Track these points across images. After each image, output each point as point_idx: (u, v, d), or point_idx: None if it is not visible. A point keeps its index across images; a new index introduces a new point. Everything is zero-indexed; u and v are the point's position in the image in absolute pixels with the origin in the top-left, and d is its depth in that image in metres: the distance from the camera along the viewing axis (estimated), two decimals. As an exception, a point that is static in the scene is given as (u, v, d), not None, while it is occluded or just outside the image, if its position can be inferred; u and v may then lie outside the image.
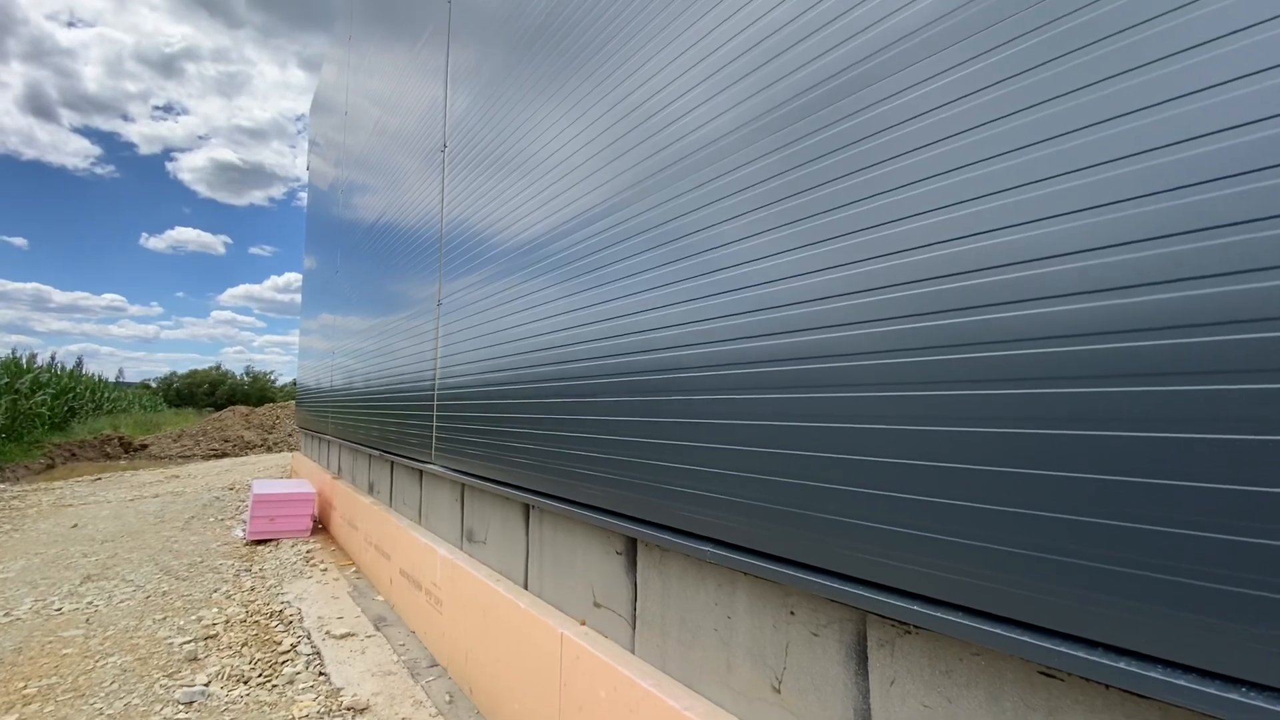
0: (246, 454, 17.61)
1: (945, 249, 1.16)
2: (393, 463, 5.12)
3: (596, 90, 2.33)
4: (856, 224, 1.33)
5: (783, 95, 1.53)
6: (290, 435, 19.46)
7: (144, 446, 17.73)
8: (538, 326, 2.65)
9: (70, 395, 20.72)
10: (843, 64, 1.39)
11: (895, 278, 1.25)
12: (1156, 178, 0.91)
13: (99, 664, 3.45)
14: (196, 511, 8.21)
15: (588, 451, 2.23)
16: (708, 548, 1.68)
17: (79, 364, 26.89)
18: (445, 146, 3.93)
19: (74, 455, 15.88)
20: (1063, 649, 0.97)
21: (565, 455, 2.37)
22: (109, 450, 16.88)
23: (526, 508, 2.92)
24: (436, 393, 3.86)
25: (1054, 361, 1.00)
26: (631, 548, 2.18)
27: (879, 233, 1.28)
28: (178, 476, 12.33)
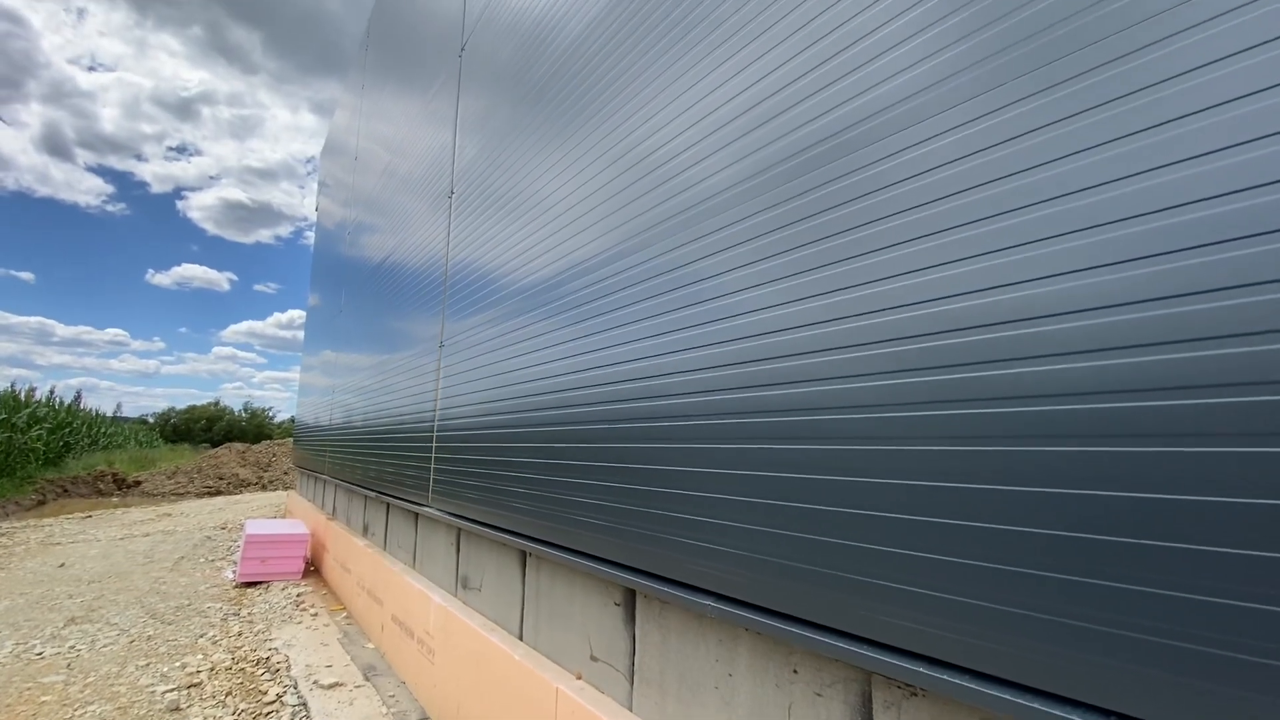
0: (241, 492, 17.40)
1: (937, 306, 1.18)
2: (388, 504, 5.06)
3: (602, 143, 2.39)
4: (854, 279, 1.35)
5: (781, 153, 1.58)
6: (286, 473, 19.26)
7: (137, 483, 17.53)
8: (539, 370, 2.65)
9: (67, 430, 20.61)
10: (838, 125, 1.43)
11: (892, 332, 1.26)
12: (1143, 242, 0.93)
13: (78, 712, 3.33)
14: (186, 552, 8.06)
15: (586, 498, 2.20)
16: (709, 601, 1.65)
17: (77, 398, 26.82)
18: (452, 193, 4.01)
19: (66, 491, 15.68)
20: (1074, 717, 0.94)
21: (563, 501, 2.35)
22: (102, 487, 16.69)
23: (523, 554, 2.87)
24: (436, 433, 3.84)
25: (1047, 419, 1.00)
26: (630, 599, 2.14)
27: (876, 288, 1.30)
28: (170, 515, 12.15)
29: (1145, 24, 0.97)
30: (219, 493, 17.24)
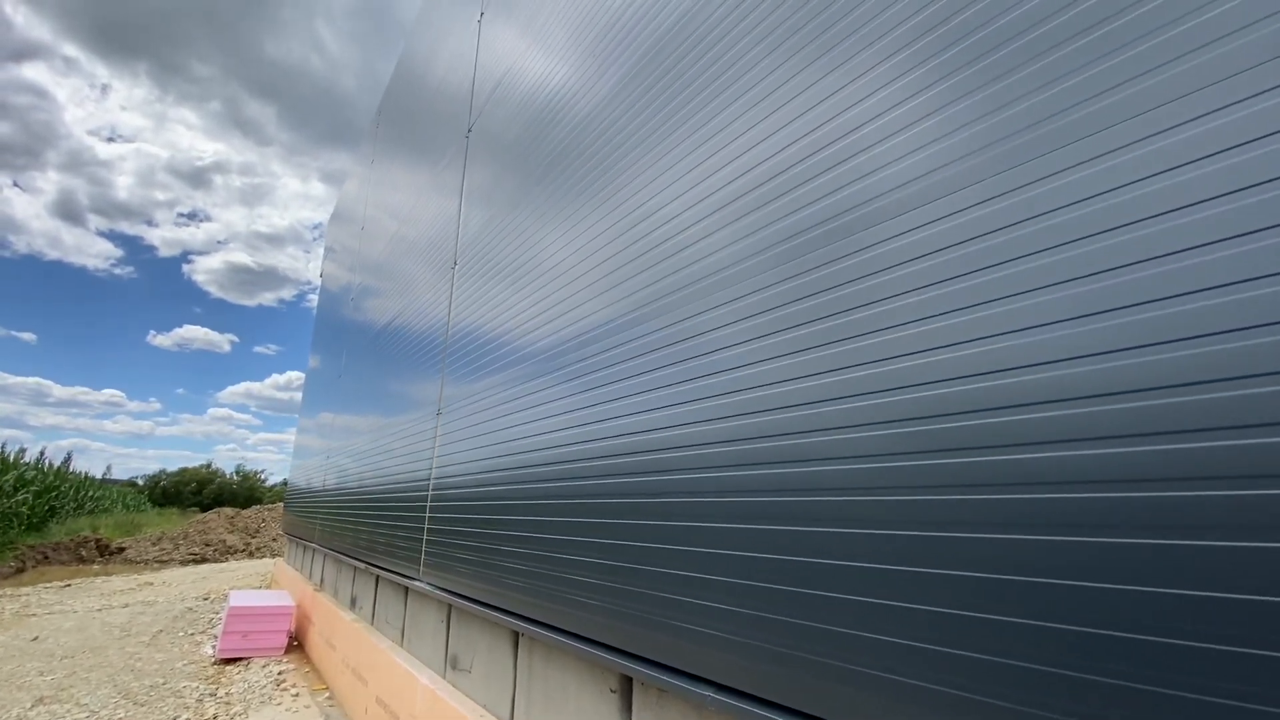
0: (227, 559, 16.89)
1: (937, 389, 1.17)
2: (378, 577, 4.89)
3: (607, 217, 2.45)
4: (854, 359, 1.35)
5: (783, 233, 1.61)
6: (275, 540, 18.77)
7: (121, 550, 17.04)
8: (536, 440, 2.62)
9: (53, 494, 20.20)
10: (839, 208, 1.47)
11: (891, 414, 1.24)
12: (1140, 331, 0.93)
13: (33, 809, 3.10)
14: (166, 625, 7.74)
15: (582, 576, 2.13)
16: (709, 692, 1.56)
17: (67, 460, 26.42)
18: (455, 263, 4.08)
19: (46, 558, 15.22)
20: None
21: (559, 579, 2.27)
22: (84, 554, 16.21)
23: (515, 635, 2.75)
24: (430, 499, 3.76)
25: (1058, 508, 0.97)
26: (627, 686, 2.03)
27: (879, 368, 1.30)
28: (151, 584, 11.74)
29: (1131, 121, 1.00)
30: (204, 560, 16.73)
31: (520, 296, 3.05)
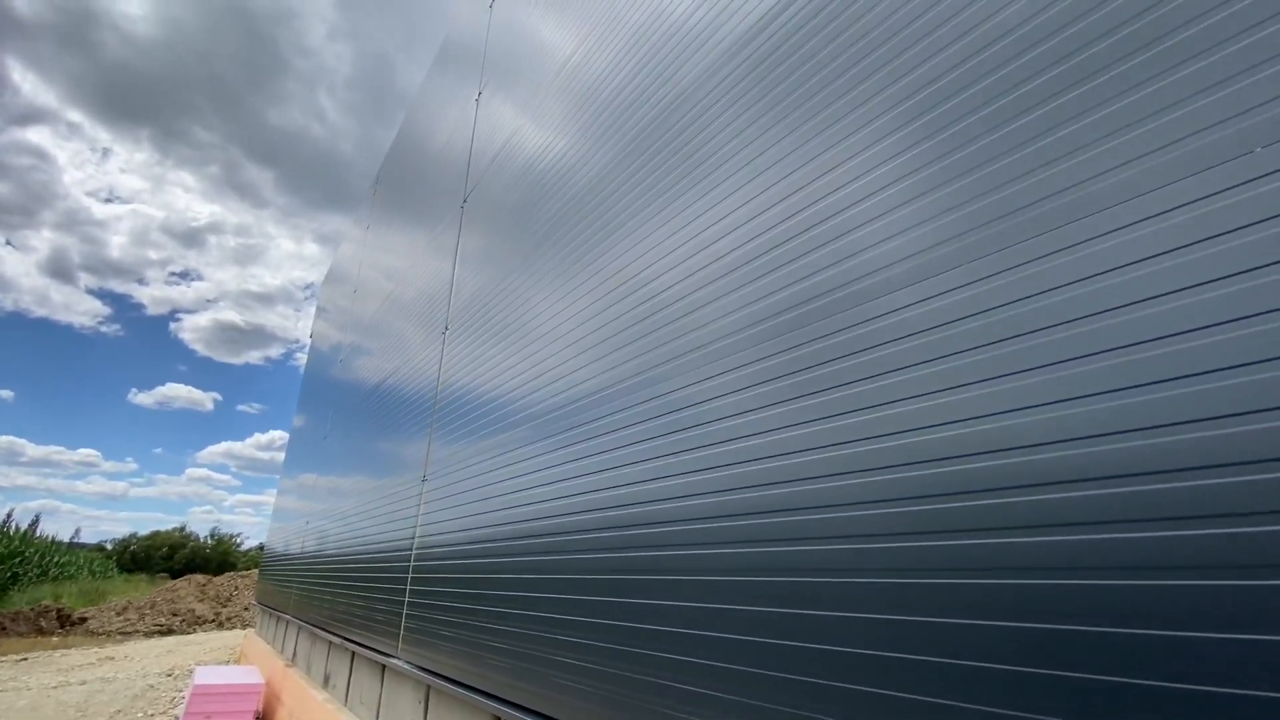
0: (195, 631, 16.07)
1: (931, 469, 1.16)
2: (354, 653, 4.65)
3: (603, 285, 2.48)
4: (850, 434, 1.33)
5: (779, 306, 1.62)
6: (246, 609, 17.93)
7: (83, 620, 16.19)
8: (524, 511, 2.55)
9: (17, 560, 19.35)
10: (835, 283, 1.49)
11: (886, 493, 1.22)
12: (1125, 416, 0.93)
13: None
14: (124, 704, 7.27)
15: (571, 658, 2.03)
16: (706, 791, 1.46)
17: (34, 523, 25.46)
18: (447, 328, 4.10)
19: (4, 629, 14.42)
20: None
21: (545, 659, 2.16)
22: (44, 624, 15.37)
23: None
24: (412, 568, 3.62)
25: (1059, 594, 0.94)
26: (617, 780, 1.90)
27: (871, 445, 1.28)
28: (113, 658, 11.10)
29: (1115, 208, 1.04)
30: (171, 631, 15.91)
31: (512, 361, 3.04)
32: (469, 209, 4.31)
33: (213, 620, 17.21)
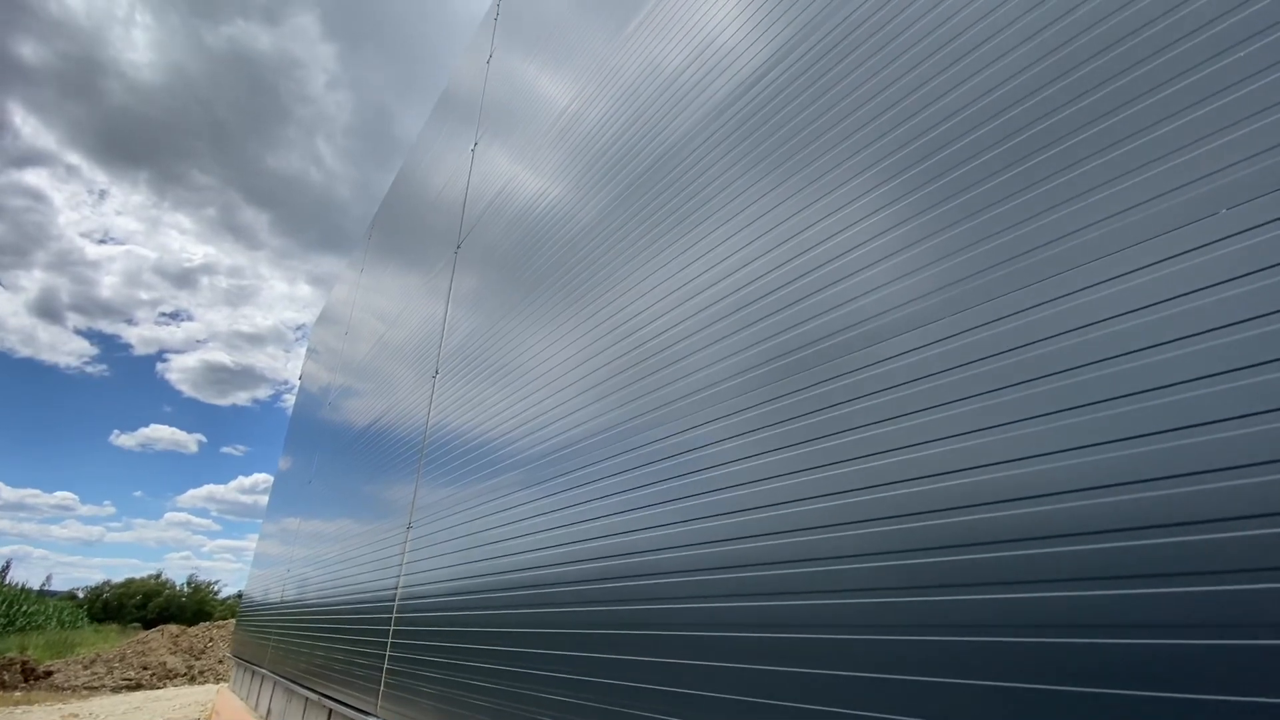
0: (165, 685, 15.36)
1: (922, 521, 1.14)
2: (330, 710, 4.45)
3: (596, 330, 2.49)
4: (847, 484, 1.32)
5: (773, 352, 1.63)
6: (221, 662, 17.22)
7: (48, 674, 15.46)
8: (512, 561, 2.49)
9: (-17, 609, 18.56)
10: (829, 330, 1.50)
11: (877, 546, 1.20)
12: (1112, 469, 0.92)
13: None
14: (84, 766, 6.86)
15: (559, 718, 1.94)
16: None
17: (4, 570, 24.59)
18: (437, 372, 4.08)
19: (-38, 684, 13.72)
20: None
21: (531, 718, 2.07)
22: (6, 678, 14.66)
23: (481, 783, 2.47)
24: (395, 619, 3.50)
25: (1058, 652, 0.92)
26: None
27: (868, 495, 1.27)
28: (75, 716, 10.56)
29: (1100, 260, 1.06)
30: (140, 686, 15.20)
31: (503, 405, 3.02)
32: (462, 254, 4.35)
33: (185, 674, 16.49)
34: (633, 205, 2.48)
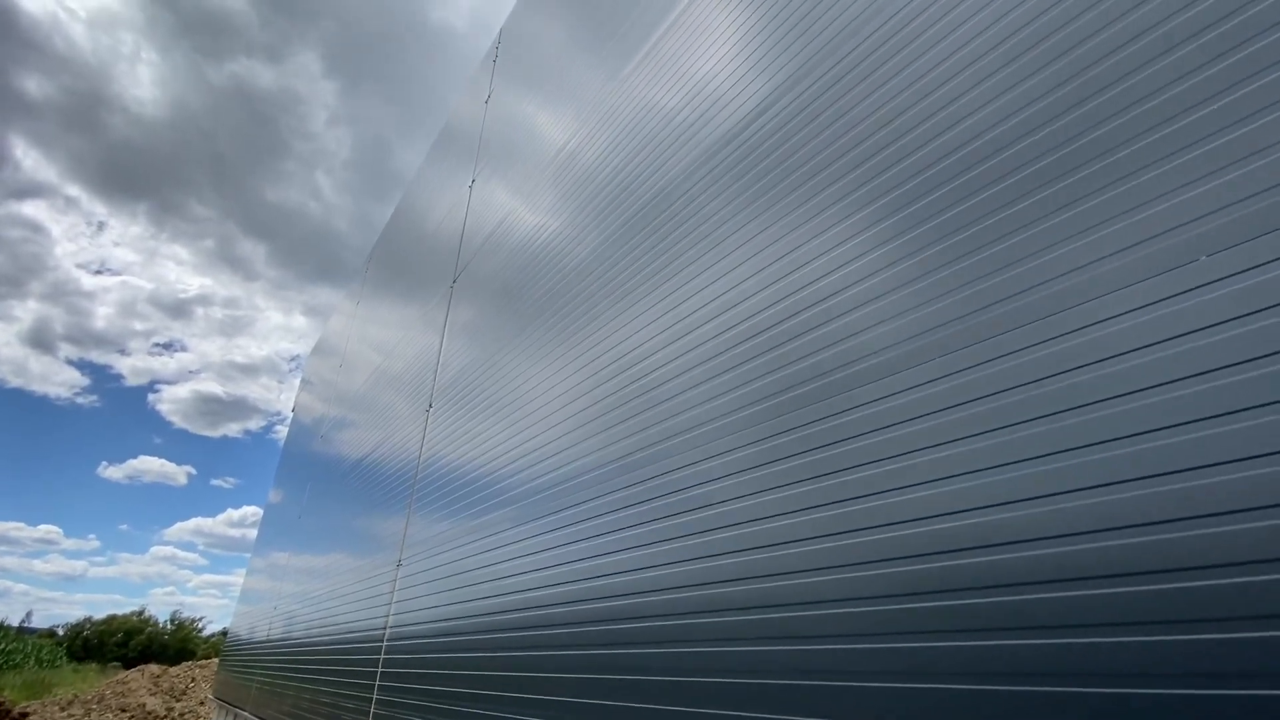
0: (143, 727, 14.83)
1: (922, 564, 1.12)
2: (315, 755, 4.30)
3: (593, 364, 2.48)
4: (847, 524, 1.30)
5: (775, 388, 1.61)
6: (202, 703, 16.69)
7: (24, 716, 14.92)
8: (505, 601, 2.43)
9: (-42, 647, 18.00)
10: (826, 367, 1.49)
11: (876, 589, 1.18)
12: (1101, 514, 0.91)
13: None
14: (55, 815, 6.58)
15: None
16: None
17: (-17, 607, 23.94)
18: (430, 406, 4.05)
19: (-69, 727, 13.22)
20: None
21: (523, 769, 1.99)
22: (-23, 720, 14.14)
23: (469, 837, 2.37)
24: (383, 659, 3.41)
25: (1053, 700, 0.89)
26: None
27: (869, 535, 1.25)
28: (49, 760, 10.14)
29: (1090, 303, 1.06)
30: (117, 728, 14.65)
31: (498, 440, 2.99)
32: (459, 288, 4.37)
33: (165, 716, 15.94)
34: (629, 242, 2.50)
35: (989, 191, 1.28)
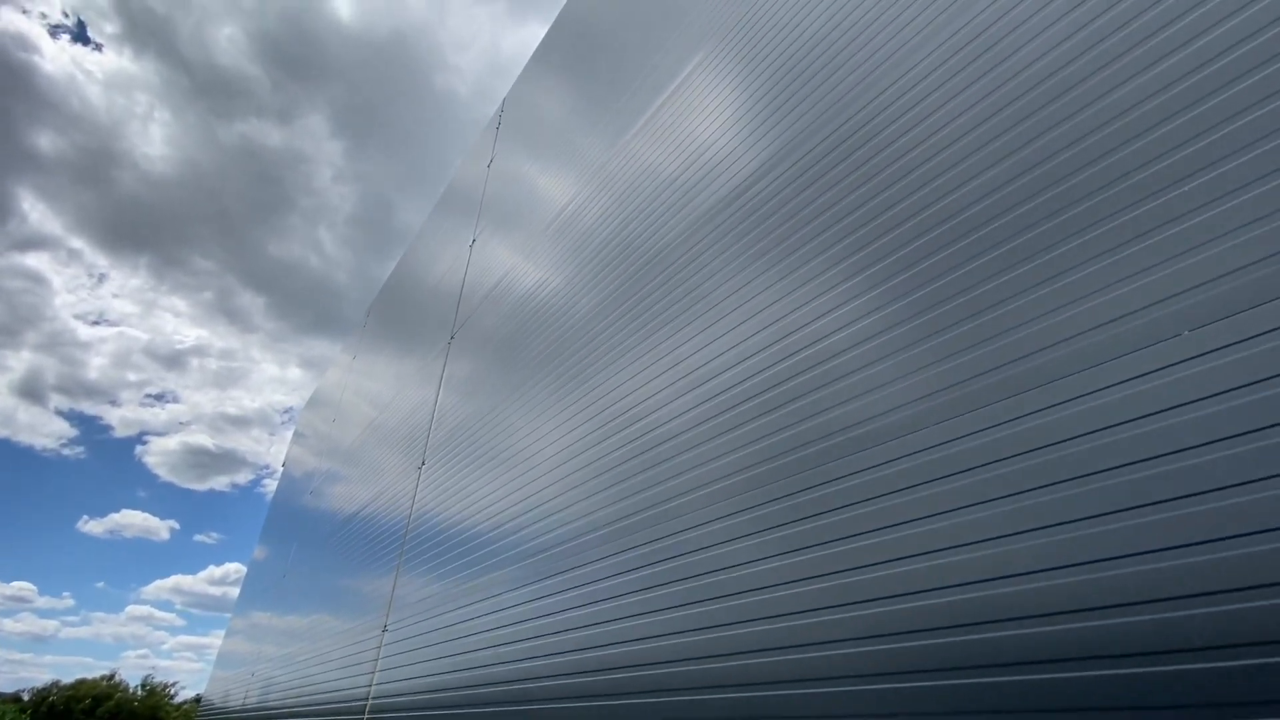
0: (103, 804, 13.89)
1: (927, 640, 1.08)
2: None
3: (589, 423, 2.46)
4: (853, 595, 1.26)
5: (779, 449, 1.59)
6: (169, 776, 15.71)
7: (-26, 790, 14.00)
8: (493, 673, 2.33)
9: (-86, 713, 17.05)
10: (832, 428, 1.47)
11: (878, 665, 1.13)
12: (1092, 591, 0.88)
13: None
14: None
15: None
16: None
17: (-56, 670, 22.83)
18: (423, 463, 4.00)
19: (-125, 803, 12.37)
20: None
21: None
22: (-75, 796, 13.25)
23: None
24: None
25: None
26: None
27: (874, 608, 1.21)
28: (-2, 842, 9.46)
29: (1079, 374, 1.06)
30: (75, 805, 13.72)
31: (495, 497, 2.93)
32: (456, 343, 4.38)
33: (127, 791, 14.93)
34: (628, 300, 2.52)
35: (978, 262, 1.30)
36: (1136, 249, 1.06)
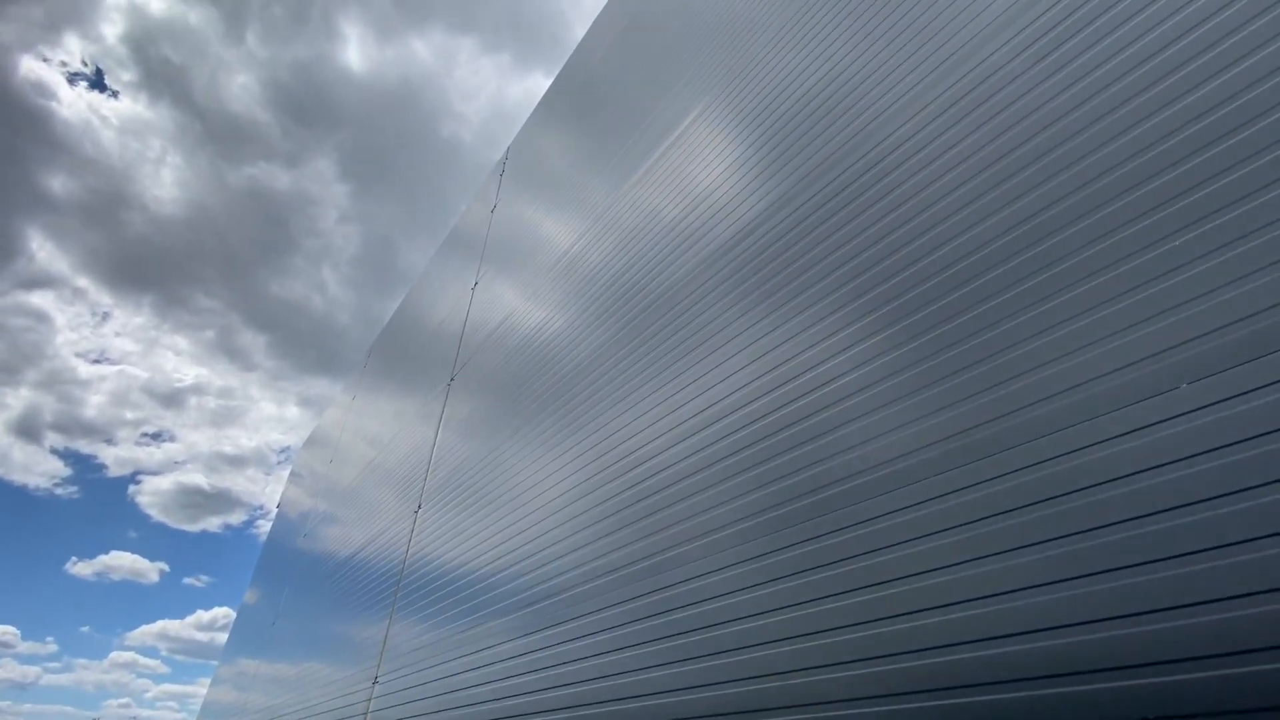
0: None
1: (915, 700, 1.03)
2: None
3: (590, 466, 2.42)
4: (855, 652, 1.21)
5: (786, 495, 1.55)
6: (145, 835, 14.98)
7: None
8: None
9: (-117, 765, 16.38)
10: (836, 475, 1.45)
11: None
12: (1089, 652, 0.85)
13: None
14: None
15: None
16: None
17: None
18: (420, 507, 3.94)
19: None
20: None
21: None
22: None
23: None
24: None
25: None
26: None
27: (876, 666, 1.16)
28: None
29: (1077, 427, 1.04)
30: None
31: (489, 544, 2.87)
32: (456, 385, 4.37)
33: None
34: (630, 343, 2.52)
35: (975, 311, 1.29)
36: (1135, 300, 1.05)
